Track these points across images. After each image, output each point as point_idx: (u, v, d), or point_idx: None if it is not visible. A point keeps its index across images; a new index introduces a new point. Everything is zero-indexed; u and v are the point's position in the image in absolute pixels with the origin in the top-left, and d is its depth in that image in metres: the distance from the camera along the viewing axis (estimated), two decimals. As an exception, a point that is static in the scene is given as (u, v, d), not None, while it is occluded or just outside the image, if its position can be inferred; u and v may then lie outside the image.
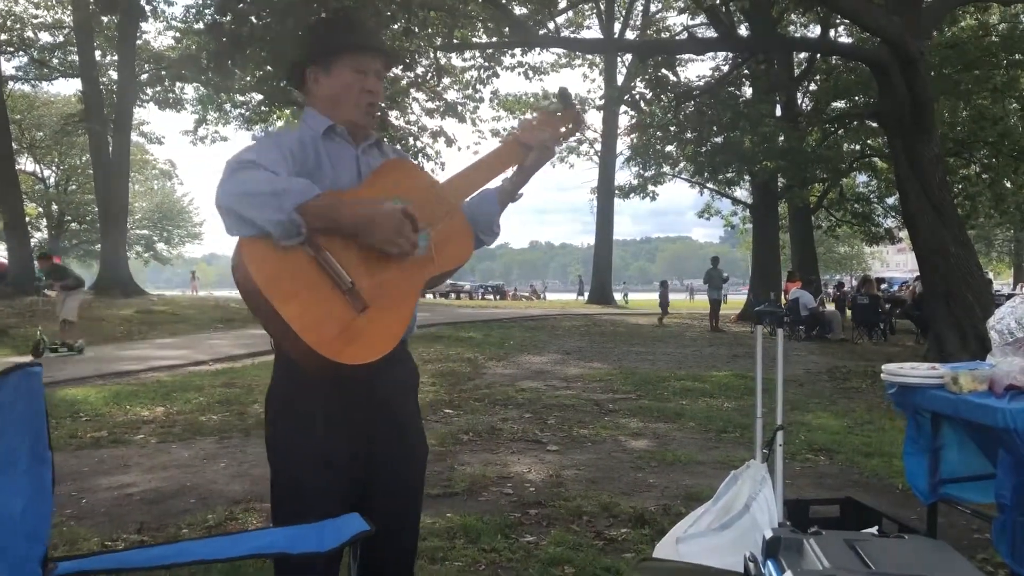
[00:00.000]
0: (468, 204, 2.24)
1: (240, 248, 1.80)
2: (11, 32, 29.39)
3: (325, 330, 1.77)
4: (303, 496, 1.95)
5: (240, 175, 1.81)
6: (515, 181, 2.32)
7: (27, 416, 1.42)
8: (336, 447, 1.97)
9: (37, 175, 43.54)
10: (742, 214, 30.31)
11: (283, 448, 2.01)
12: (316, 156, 2.03)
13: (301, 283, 1.80)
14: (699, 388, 9.35)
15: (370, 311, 1.85)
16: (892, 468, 5.31)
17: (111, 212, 25.32)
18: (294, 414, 2.00)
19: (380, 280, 1.90)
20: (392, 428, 2.11)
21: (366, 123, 2.17)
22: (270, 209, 1.76)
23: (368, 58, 2.13)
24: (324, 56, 2.12)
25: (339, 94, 2.11)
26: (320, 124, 2.09)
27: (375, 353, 1.84)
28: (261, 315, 1.81)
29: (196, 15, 22.41)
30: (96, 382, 9.52)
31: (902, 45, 10.34)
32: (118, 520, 4.30)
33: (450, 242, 2.10)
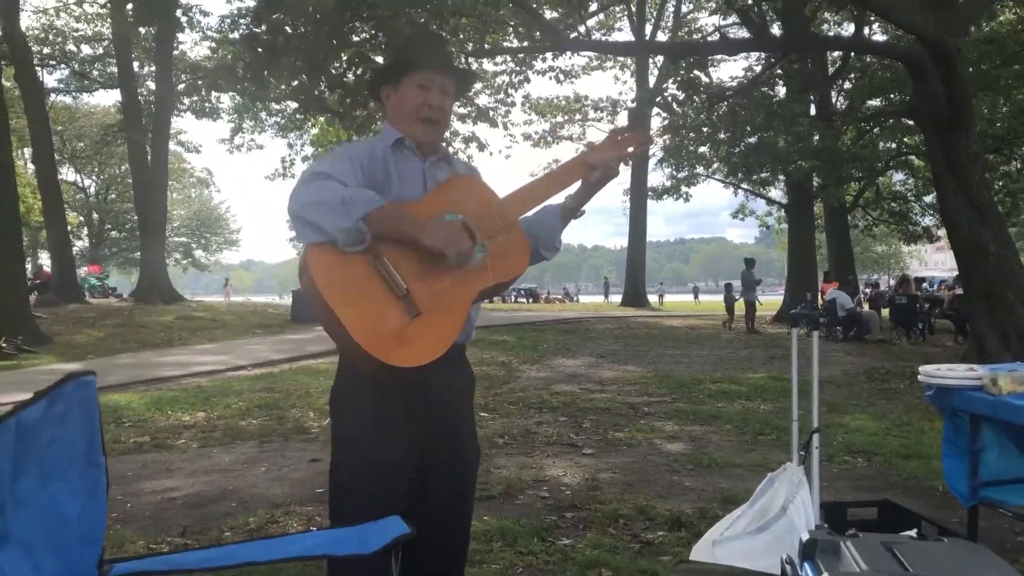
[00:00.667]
0: (530, 219, 2.32)
1: (306, 253, 1.93)
2: (53, 45, 30.01)
3: (378, 332, 1.88)
4: (359, 493, 2.05)
5: (312, 185, 1.94)
6: (578, 198, 2.38)
7: (82, 423, 1.48)
8: (391, 447, 2.07)
9: (78, 185, 44.43)
10: (777, 214, 30.07)
11: (342, 445, 2.14)
12: (385, 168, 2.14)
13: (359, 288, 1.92)
14: (735, 391, 9.30)
15: (423, 317, 1.96)
16: (932, 470, 5.25)
17: (150, 220, 25.71)
18: (353, 413, 2.12)
19: (435, 288, 2.00)
20: (445, 432, 2.19)
21: (425, 137, 2.24)
22: (338, 217, 1.88)
23: (432, 74, 2.22)
24: (394, 74, 2.24)
25: (404, 109, 2.22)
26: (391, 137, 2.21)
27: (425, 357, 1.93)
28: (322, 316, 1.93)
29: (232, 25, 22.75)
30: (138, 388, 9.70)
31: (938, 41, 10.22)
32: (162, 524, 4.39)
33: (506, 255, 2.18)
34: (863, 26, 20.68)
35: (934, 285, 26.05)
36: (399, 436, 2.07)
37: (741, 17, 18.68)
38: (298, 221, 1.93)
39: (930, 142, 12.15)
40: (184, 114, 30.37)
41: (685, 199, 24.42)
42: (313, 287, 1.89)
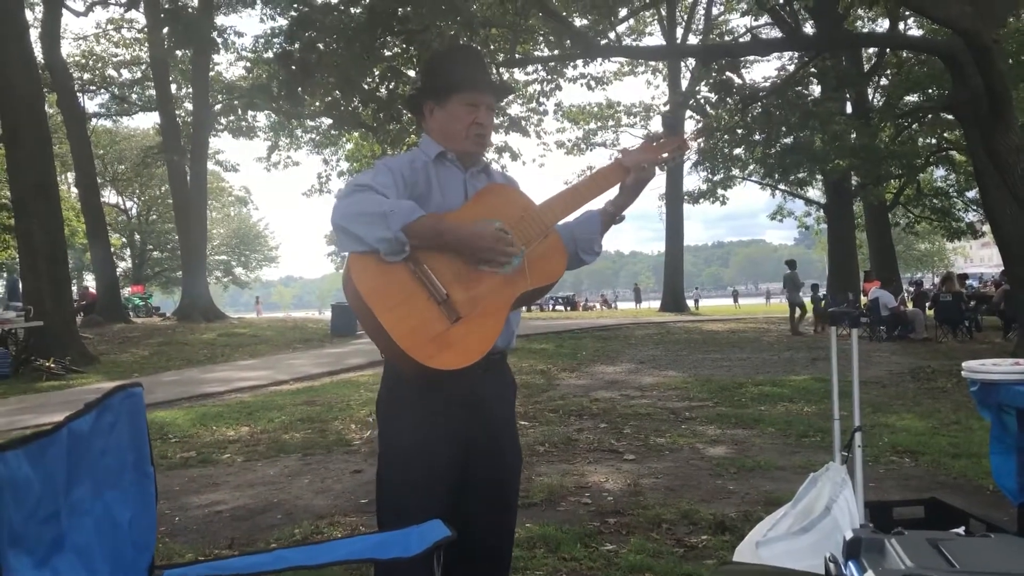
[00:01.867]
0: (570, 224, 2.38)
1: (349, 263, 2.00)
2: (93, 71, 30.71)
3: (419, 337, 1.94)
4: (405, 497, 2.10)
5: (353, 197, 2.01)
6: (617, 203, 2.45)
7: (131, 433, 1.53)
8: (435, 451, 2.12)
9: (120, 207, 45.35)
10: (816, 214, 29.78)
11: (386, 450, 2.19)
12: (427, 179, 2.20)
13: (400, 294, 1.98)
14: (777, 393, 9.20)
15: (463, 322, 2.01)
16: (981, 469, 5.16)
17: (191, 239, 26.13)
18: (398, 419, 2.17)
19: (474, 294, 2.06)
20: (487, 435, 2.24)
21: (475, 151, 2.33)
22: (379, 228, 1.95)
23: (479, 93, 2.29)
24: (440, 92, 2.29)
25: (452, 127, 2.27)
26: (433, 150, 2.27)
27: (464, 360, 1.98)
28: (365, 322, 2.00)
29: (265, 45, 23.14)
30: (183, 404, 9.84)
31: (974, 35, 10.07)
32: (210, 536, 4.46)
33: (543, 260, 2.23)
34: (898, 21, 20.43)
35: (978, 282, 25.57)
36: (443, 440, 2.13)
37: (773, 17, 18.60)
38: (340, 232, 2.00)
39: (970, 137, 11.99)
40: (221, 134, 30.90)
41: (722, 202, 24.26)
42: (356, 294, 1.95)
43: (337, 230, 2.01)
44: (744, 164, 23.66)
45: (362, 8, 12.64)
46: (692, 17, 31.30)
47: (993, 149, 10.92)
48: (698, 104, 21.76)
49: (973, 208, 25.63)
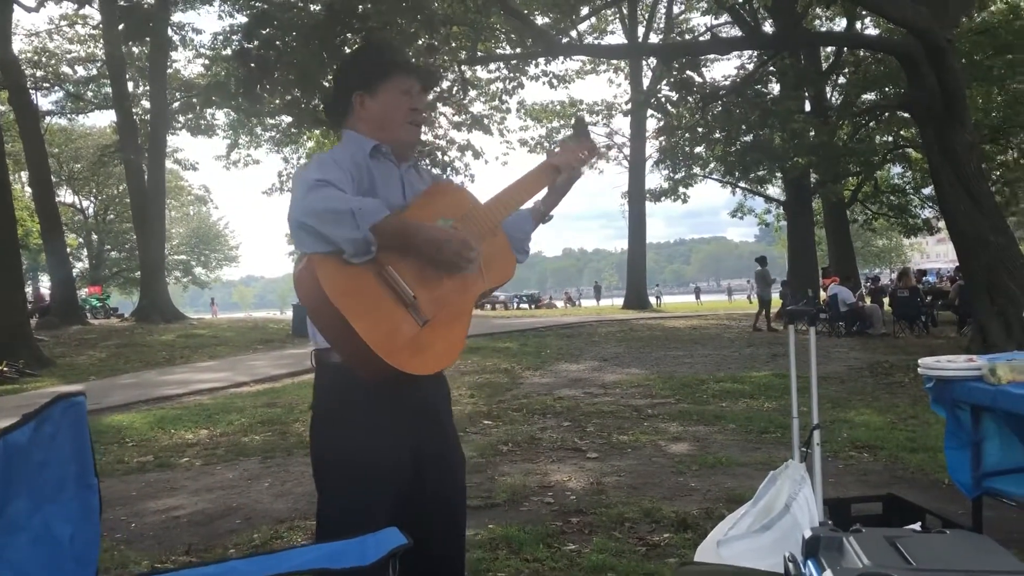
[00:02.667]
0: (504, 224, 2.35)
1: (312, 264, 1.88)
2: (46, 68, 30.10)
3: (394, 342, 1.88)
4: (354, 509, 2.02)
5: (316, 193, 1.90)
6: (547, 202, 2.49)
7: (72, 445, 1.47)
8: (384, 456, 2.06)
9: (76, 206, 44.51)
10: (776, 212, 30.10)
11: (332, 459, 2.10)
12: (369, 175, 2.13)
13: (369, 297, 1.90)
14: (739, 390, 9.28)
15: (431, 324, 1.97)
16: (937, 463, 5.23)
17: (149, 239, 25.75)
18: (342, 424, 2.08)
19: (437, 295, 2.02)
20: (438, 437, 2.22)
21: (414, 141, 2.30)
22: (347, 227, 1.86)
23: (411, 79, 2.26)
24: (370, 80, 2.23)
25: (387, 115, 2.22)
26: (367, 144, 2.19)
27: (441, 364, 1.99)
28: (328, 328, 1.92)
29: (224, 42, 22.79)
30: (140, 407, 9.69)
31: (929, 34, 10.24)
32: (167, 543, 4.38)
33: (495, 260, 2.23)
34: (855, 21, 20.73)
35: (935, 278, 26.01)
36: (396, 450, 2.08)
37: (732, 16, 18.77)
38: (303, 230, 1.89)
39: (925, 134, 12.17)
40: (180, 132, 30.48)
41: (684, 200, 24.44)
42: (323, 298, 1.84)
43: (299, 228, 1.90)
44: (705, 162, 23.84)
45: (321, 5, 12.52)
46: (653, 16, 31.51)
47: (947, 147, 11.10)
48: (659, 103, 21.88)
49: (929, 205, 26.03)
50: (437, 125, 24.12)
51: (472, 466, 5.82)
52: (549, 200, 2.48)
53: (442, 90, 19.88)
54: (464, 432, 7.25)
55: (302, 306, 2.00)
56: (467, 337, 2.15)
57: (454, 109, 23.04)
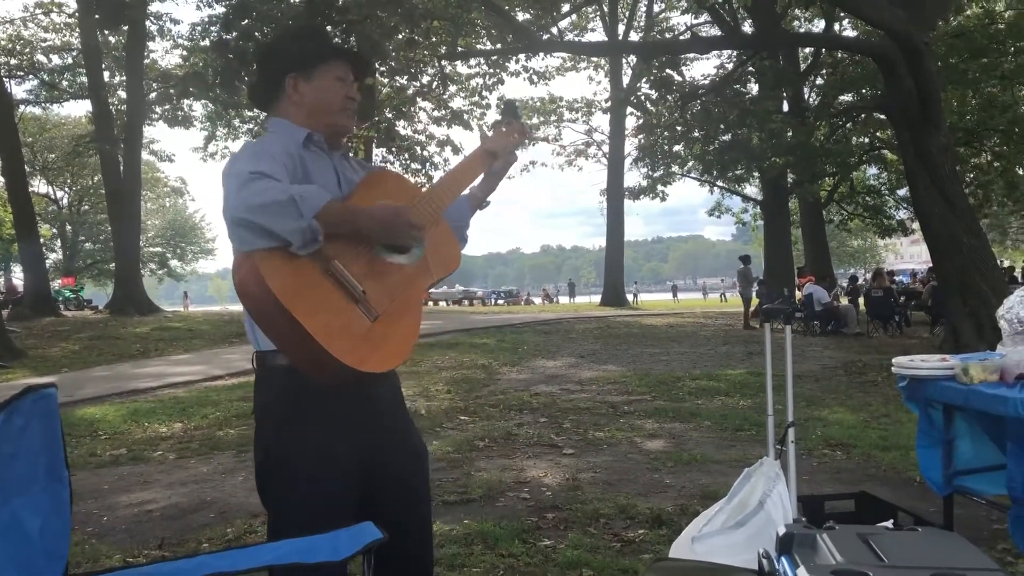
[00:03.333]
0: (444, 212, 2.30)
1: (255, 262, 1.77)
2: (21, 56, 29.68)
3: (347, 340, 1.81)
4: (313, 515, 1.92)
5: (253, 186, 1.78)
6: (484, 187, 2.48)
7: (43, 437, 1.45)
8: (342, 455, 1.99)
9: (50, 197, 43.98)
10: (753, 211, 30.28)
11: (284, 463, 1.98)
12: (303, 165, 2.04)
13: (317, 294, 1.82)
14: (714, 387, 9.33)
15: (383, 319, 1.91)
16: (910, 461, 5.28)
17: (124, 231, 25.47)
18: (296, 430, 1.98)
19: (386, 288, 1.95)
20: (396, 433, 2.16)
21: (350, 127, 2.24)
22: (289, 218, 1.76)
23: (347, 66, 2.19)
24: (306, 63, 2.14)
25: (322, 101, 2.14)
26: (299, 133, 2.10)
27: (398, 359, 1.93)
28: (275, 327, 1.83)
29: (202, 33, 22.64)
30: (114, 400, 9.60)
31: (906, 37, 10.33)
32: (139, 536, 4.34)
33: (441, 249, 2.18)
34: (833, 22, 20.86)
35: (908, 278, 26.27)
36: (348, 442, 2.00)
37: (712, 15, 18.84)
38: (242, 226, 1.77)
39: (901, 136, 12.28)
40: (156, 123, 30.18)
41: (662, 198, 24.50)
42: (270, 296, 1.74)
43: (237, 225, 1.77)
44: (683, 160, 23.94)
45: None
46: (634, 14, 31.58)
47: (923, 148, 11.21)
48: (639, 101, 21.93)
49: (904, 206, 26.29)
50: (416, 120, 24.07)
51: (448, 461, 5.82)
52: (486, 185, 2.47)
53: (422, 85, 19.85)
54: (440, 427, 7.25)
55: (245, 307, 1.89)
56: (444, 332, 2.13)
57: (434, 104, 23.00)
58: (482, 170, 2.42)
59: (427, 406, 8.39)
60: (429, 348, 13.86)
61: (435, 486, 5.03)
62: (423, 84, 19.60)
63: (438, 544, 3.90)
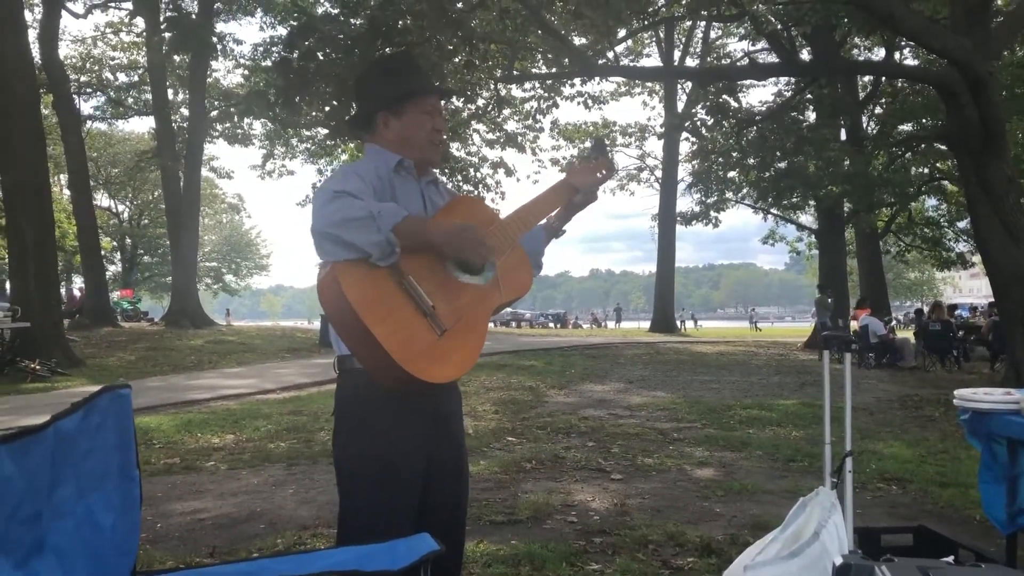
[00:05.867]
0: (520, 238, 2.38)
1: (336, 273, 1.92)
2: (90, 73, 30.68)
3: (412, 349, 1.91)
4: (376, 513, 2.06)
5: (336, 203, 1.95)
6: (561, 218, 2.56)
7: (117, 435, 1.50)
8: (406, 462, 2.10)
9: (112, 210, 45.19)
10: (807, 240, 29.85)
11: (356, 464, 2.12)
12: (391, 188, 2.19)
13: (390, 305, 1.94)
14: (766, 417, 9.20)
15: (449, 333, 1.99)
16: (968, 499, 5.15)
17: (181, 245, 26.05)
18: (367, 431, 2.11)
19: (456, 306, 2.05)
20: (450, 446, 2.26)
21: (436, 158, 2.36)
22: (369, 231, 1.90)
23: (433, 99, 2.33)
24: (394, 102, 2.28)
25: (411, 135, 2.28)
26: (391, 159, 2.25)
27: (457, 373, 2.01)
28: (350, 333, 1.95)
29: (264, 53, 23.12)
30: (168, 410, 9.78)
31: (970, 66, 10.14)
32: (191, 544, 4.41)
33: (513, 273, 2.26)
34: (894, 50, 20.59)
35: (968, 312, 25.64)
36: (413, 456, 2.12)
37: (770, 42, 18.73)
38: (326, 239, 1.94)
39: (963, 167, 12.03)
40: (217, 140, 30.88)
41: (715, 224, 24.31)
42: (346, 304, 1.89)
43: (322, 238, 1.95)
44: (738, 187, 23.72)
45: (363, 18, 12.65)
46: (690, 40, 31.53)
47: (986, 180, 10.97)
48: (694, 126, 21.84)
49: (963, 238, 25.73)
50: (471, 142, 24.27)
51: (495, 482, 5.82)
52: (564, 216, 2.55)
53: (477, 107, 20.01)
54: (487, 448, 7.25)
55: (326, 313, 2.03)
56: (493, 354, 2.18)
57: (488, 126, 23.17)
58: (562, 202, 2.50)
59: (474, 426, 8.40)
60: (477, 368, 13.89)
61: (482, 505, 5.04)
62: (478, 106, 19.76)
63: (485, 564, 3.90)
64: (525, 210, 2.38)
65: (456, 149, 23.47)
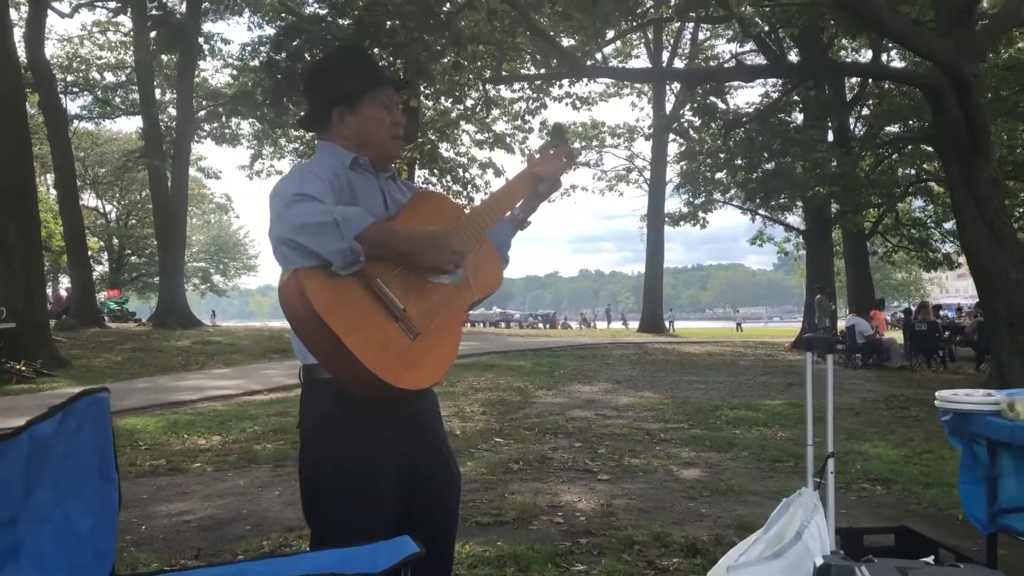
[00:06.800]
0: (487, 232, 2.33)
1: (299, 279, 1.83)
2: (77, 73, 30.53)
3: (386, 357, 1.84)
4: (353, 524, 1.97)
5: (296, 207, 1.85)
6: (526, 209, 2.48)
7: (95, 439, 1.50)
8: (381, 471, 2.02)
9: (99, 210, 44.96)
10: (795, 240, 29.95)
11: (329, 475, 2.02)
12: (349, 187, 2.09)
13: (359, 312, 1.85)
14: (752, 417, 9.23)
15: (422, 337, 1.93)
16: (952, 498, 5.18)
17: (169, 245, 25.94)
18: (338, 440, 2.02)
19: (427, 307, 1.98)
20: (434, 450, 2.18)
21: (397, 153, 2.29)
22: (332, 239, 1.81)
23: (390, 91, 2.24)
24: (350, 96, 2.18)
25: (372, 130, 2.19)
26: (346, 157, 2.15)
27: (434, 378, 1.94)
28: (318, 344, 1.87)
29: (252, 53, 23.10)
30: (154, 412, 9.74)
31: (955, 68, 10.21)
32: (176, 546, 4.40)
33: (483, 269, 2.20)
34: (881, 52, 20.67)
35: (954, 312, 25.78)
36: (388, 459, 2.03)
37: (758, 44, 18.82)
38: (286, 245, 1.84)
39: (948, 169, 12.11)
40: (204, 140, 30.81)
41: (703, 225, 24.38)
42: (312, 312, 1.79)
43: (282, 244, 1.84)
44: (725, 188, 23.78)
45: (350, 20, 12.65)
46: (678, 42, 31.61)
47: (971, 181, 11.05)
48: (682, 127, 21.91)
49: (950, 239, 25.85)
50: (459, 142, 24.28)
51: (482, 483, 5.82)
52: (528, 206, 2.47)
53: (465, 108, 20.02)
54: (475, 448, 7.25)
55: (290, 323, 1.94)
56: (481, 354, 2.14)
57: (477, 127, 23.18)
58: (526, 192, 2.43)
59: (462, 427, 8.40)
60: (465, 369, 13.89)
61: (469, 507, 5.04)
62: (467, 107, 19.78)
63: (471, 565, 3.90)
64: (491, 203, 2.32)
65: (445, 149, 23.48)
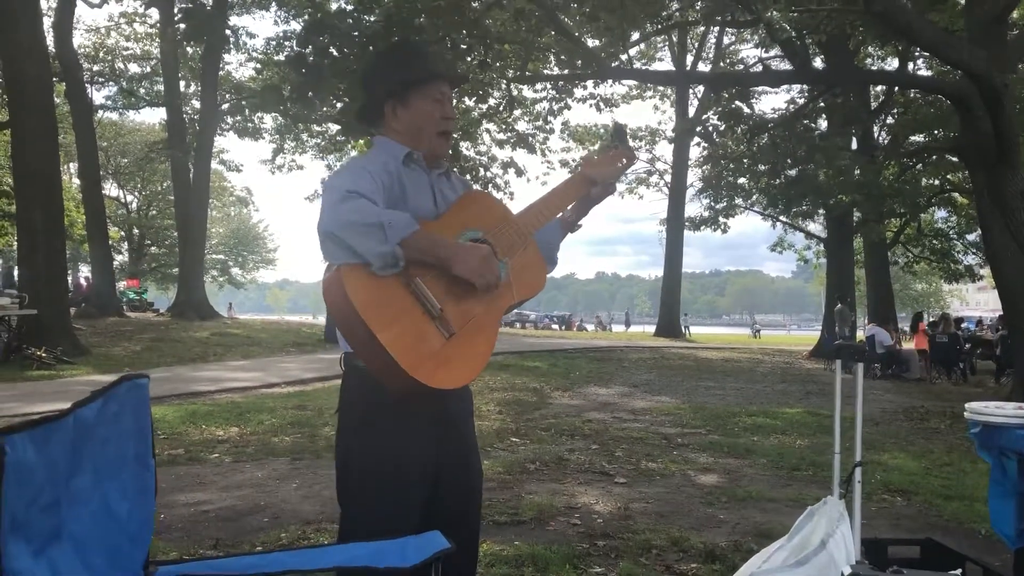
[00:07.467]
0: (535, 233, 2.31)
1: (340, 274, 1.86)
2: (103, 63, 30.74)
3: (418, 354, 1.85)
4: (382, 513, 2.00)
5: (347, 204, 1.88)
6: (578, 212, 2.46)
7: (134, 424, 1.50)
8: (412, 463, 2.04)
9: (120, 200, 45.25)
10: (816, 248, 29.80)
11: (361, 465, 2.06)
12: (400, 183, 2.11)
13: (396, 309, 1.88)
14: (770, 425, 9.18)
15: (457, 337, 1.94)
16: (974, 512, 5.13)
17: (189, 237, 26.07)
18: (373, 431, 2.05)
19: (465, 308, 1.99)
20: (459, 449, 2.19)
21: (445, 148, 2.28)
22: (375, 241, 1.84)
23: (442, 85, 2.24)
24: (401, 90, 2.21)
25: (420, 124, 2.20)
26: (399, 151, 2.17)
27: (465, 378, 1.95)
28: (354, 337, 1.90)
29: (277, 47, 23.16)
30: (172, 402, 9.78)
31: (986, 78, 10.10)
32: (195, 536, 4.41)
33: (526, 272, 2.19)
34: (908, 60, 20.53)
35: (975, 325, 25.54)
36: (419, 452, 2.06)
37: (784, 50, 18.69)
38: (332, 240, 1.88)
39: (975, 179, 11.99)
40: (227, 133, 30.92)
41: (723, 230, 24.29)
42: (351, 308, 1.83)
43: (327, 238, 1.89)
44: (747, 194, 23.69)
45: (378, 15, 12.67)
46: (703, 45, 31.50)
47: (998, 193, 10.93)
48: (705, 131, 21.82)
49: (972, 251, 25.67)
50: (481, 141, 24.27)
51: (499, 482, 5.81)
52: (580, 210, 2.45)
53: (488, 107, 20.00)
54: (491, 448, 7.24)
55: (330, 312, 1.97)
56: (497, 354, 2.12)
57: (499, 126, 23.16)
58: (578, 195, 2.41)
59: (478, 426, 8.35)
60: (482, 368, 13.86)
61: (486, 505, 5.02)
62: (490, 106, 19.76)
63: (488, 563, 3.90)
64: (539, 205, 2.31)
65: (467, 148, 23.47)
